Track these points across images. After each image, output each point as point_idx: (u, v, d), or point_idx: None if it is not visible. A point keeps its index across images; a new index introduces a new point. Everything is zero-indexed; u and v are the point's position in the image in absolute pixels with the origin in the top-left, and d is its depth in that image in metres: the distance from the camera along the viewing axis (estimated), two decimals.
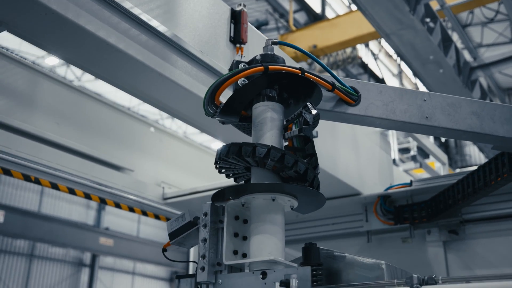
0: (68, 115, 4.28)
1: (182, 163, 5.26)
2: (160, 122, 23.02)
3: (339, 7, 17.48)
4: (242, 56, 3.01)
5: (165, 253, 2.21)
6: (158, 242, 23.95)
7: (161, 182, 4.80)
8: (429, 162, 10.71)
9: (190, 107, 2.86)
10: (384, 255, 3.86)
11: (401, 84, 19.53)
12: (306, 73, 2.07)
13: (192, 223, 2.09)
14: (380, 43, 19.03)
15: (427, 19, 7.31)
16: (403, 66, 19.85)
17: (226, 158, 1.98)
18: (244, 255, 1.98)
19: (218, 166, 2.09)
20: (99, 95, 5.24)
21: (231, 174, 2.16)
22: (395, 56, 19.49)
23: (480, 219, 4.04)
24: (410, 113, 2.37)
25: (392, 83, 19.53)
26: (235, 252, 1.96)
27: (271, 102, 2.09)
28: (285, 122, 2.12)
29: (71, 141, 4.10)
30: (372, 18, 6.75)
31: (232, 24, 3.09)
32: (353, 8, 16.04)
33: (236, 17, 3.11)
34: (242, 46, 3.10)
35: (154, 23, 2.56)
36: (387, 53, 19.92)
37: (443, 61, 7.56)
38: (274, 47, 2.22)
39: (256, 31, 3.34)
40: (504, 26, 17.37)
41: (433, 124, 2.38)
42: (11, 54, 4.11)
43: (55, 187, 3.96)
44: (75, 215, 23.17)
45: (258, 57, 2.13)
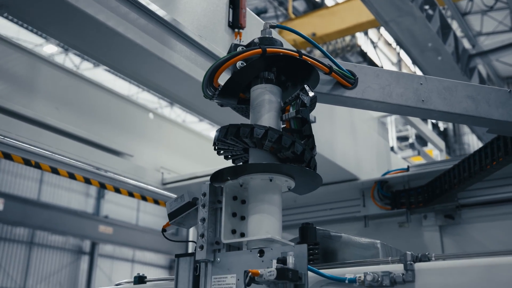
0: (67, 101, 4.30)
1: (181, 149, 5.29)
2: (159, 111, 23.03)
3: None
4: (240, 41, 3.03)
5: (164, 233, 2.25)
6: (157, 230, 24.05)
7: (160, 168, 4.84)
8: (427, 150, 10.76)
9: (188, 91, 2.89)
10: (381, 239, 3.91)
11: None
12: (303, 55, 2.09)
13: (191, 203, 2.13)
14: (379, 31, 19.00)
15: (426, 6, 7.32)
16: (402, 54, 19.83)
17: (225, 139, 2.02)
18: (242, 234, 2.01)
19: (216, 147, 2.12)
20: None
21: (229, 156, 2.19)
22: (394, 44, 19.47)
23: (476, 204, 4.08)
24: (407, 96, 2.40)
25: None
26: (233, 232, 2.00)
27: (269, 84, 2.11)
28: (282, 105, 2.15)
29: (71, 126, 4.13)
30: (371, 5, 6.76)
31: (230, 9, 3.10)
32: None
33: (234, 2, 3.13)
34: (241, 31, 3.12)
35: (153, 7, 2.58)
36: (386, 41, 19.90)
37: (441, 48, 7.58)
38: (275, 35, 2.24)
39: (254, 16, 3.36)
40: (504, 14, 17.33)
41: (429, 108, 2.41)
42: (10, 39, 4.12)
43: (55, 171, 3.99)
44: (75, 203, 23.26)
45: (256, 40, 2.16)
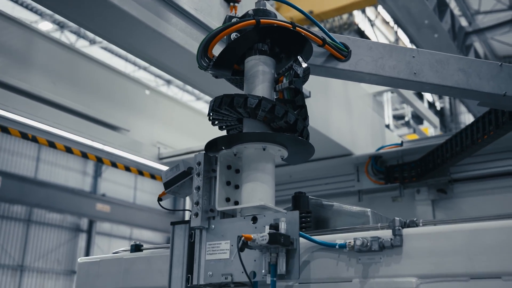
0: (63, 75, 4.31)
1: (177, 124, 5.32)
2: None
3: None
4: (236, 15, 3.04)
5: (160, 202, 2.29)
6: (154, 208, 24.20)
7: (156, 143, 4.87)
8: (422, 128, 10.82)
9: (184, 64, 2.91)
10: None
11: None
12: (297, 27, 2.12)
13: (186, 173, 2.17)
14: (376, 9, 18.87)
15: None
16: (399, 33, 19.74)
17: (219, 109, 2.05)
18: (236, 202, 2.06)
19: (211, 117, 2.15)
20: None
21: (223, 126, 2.23)
22: (391, 22, 19.36)
23: (468, 178, 4.15)
24: (399, 69, 2.43)
25: None
26: (227, 200, 2.05)
27: (263, 56, 2.14)
28: (276, 76, 2.18)
29: (68, 100, 4.14)
30: None
31: None
32: None
33: None
34: (236, 5, 3.12)
35: None
36: (383, 19, 19.77)
37: (438, 25, 7.57)
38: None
39: None
40: None
41: (421, 80, 2.45)
42: (6, 12, 4.10)
43: (52, 145, 4.02)
44: (72, 181, 23.31)
45: (251, 11, 2.18)
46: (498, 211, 3.81)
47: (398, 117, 16.08)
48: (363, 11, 18.11)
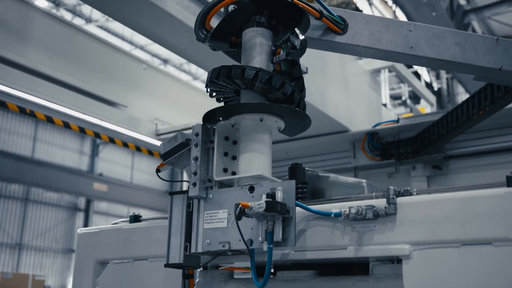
0: (60, 50, 4.30)
1: (175, 101, 5.33)
2: None
3: None
4: None
5: (158, 173, 2.32)
6: (151, 188, 24.29)
7: (154, 119, 4.89)
8: (419, 107, 10.85)
9: (181, 37, 2.91)
10: None
11: None
12: None
13: (184, 144, 2.19)
14: None
15: None
16: (398, 12, 19.64)
17: (217, 80, 2.07)
18: (233, 173, 2.09)
19: (209, 89, 2.17)
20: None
21: (221, 98, 2.25)
22: (390, 1, 19.24)
23: (463, 155, 4.19)
24: (396, 42, 2.45)
25: None
26: (225, 170, 2.08)
27: (260, 28, 2.15)
28: (273, 48, 2.19)
29: (65, 75, 4.14)
30: None
31: None
32: None
33: None
34: None
35: None
36: None
37: (436, 4, 7.55)
38: None
39: None
40: None
41: (417, 54, 2.46)
42: None
43: (50, 120, 4.04)
44: (69, 161, 23.34)
45: None
46: None
47: (395, 97, 16.09)
48: None
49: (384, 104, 7.74)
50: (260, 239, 1.83)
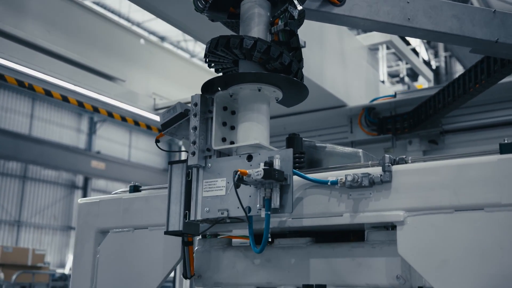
0: (58, 24, 4.28)
1: (173, 76, 5.33)
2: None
3: None
4: None
5: (158, 144, 2.35)
6: (149, 166, 24.36)
7: (152, 93, 4.89)
8: (417, 85, 10.85)
9: (179, 9, 2.91)
10: None
11: None
12: None
13: (183, 114, 2.21)
14: None
15: None
16: None
17: (215, 50, 2.08)
18: (232, 143, 2.12)
19: (207, 60, 2.19)
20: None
21: (220, 69, 2.27)
22: None
23: (459, 130, 4.23)
24: (393, 14, 2.46)
25: None
26: (223, 140, 2.11)
27: None
28: (271, 19, 2.20)
29: (63, 49, 4.13)
30: None
31: None
32: None
33: None
34: None
35: None
36: None
37: None
38: None
39: None
40: None
41: (414, 26, 2.48)
42: None
43: (48, 94, 4.04)
44: (66, 139, 23.35)
45: None
46: None
47: (393, 75, 16.07)
48: None
49: (382, 81, 7.74)
50: (258, 206, 1.87)
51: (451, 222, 1.70)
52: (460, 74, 3.51)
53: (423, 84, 9.74)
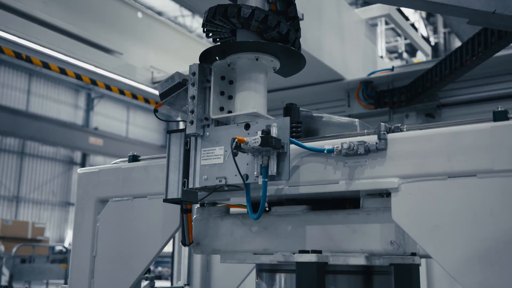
0: None
1: (171, 49, 5.32)
2: None
3: None
4: None
5: (156, 113, 2.37)
6: (146, 142, 24.39)
7: (150, 67, 4.89)
8: (416, 60, 10.81)
9: None
10: None
11: None
12: None
13: (181, 84, 2.22)
14: None
15: None
16: None
17: (213, 19, 2.09)
18: (229, 112, 2.14)
19: (205, 29, 2.19)
20: None
21: (217, 39, 2.27)
22: None
23: (456, 103, 4.25)
24: None
25: None
26: (221, 109, 2.13)
27: None
28: None
29: (60, 21, 4.11)
30: None
31: None
32: None
33: None
34: None
35: None
36: None
37: None
38: None
39: None
40: None
41: None
42: None
43: (46, 66, 4.04)
44: (64, 115, 23.32)
45: None
46: None
47: (391, 51, 16.01)
48: None
49: (381, 57, 7.73)
50: (255, 173, 1.90)
51: (444, 189, 1.73)
52: (457, 47, 3.51)
53: (422, 59, 9.72)
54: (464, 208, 1.69)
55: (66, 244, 16.99)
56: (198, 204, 2.38)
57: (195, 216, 2.37)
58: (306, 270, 1.91)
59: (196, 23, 23.59)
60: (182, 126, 2.30)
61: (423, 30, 18.63)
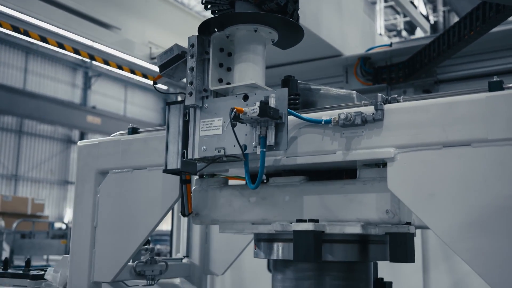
0: None
1: (169, 25, 5.29)
2: None
3: None
4: None
5: (155, 85, 2.39)
6: (144, 121, 24.37)
7: (148, 42, 4.88)
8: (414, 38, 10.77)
9: None
10: None
11: None
12: None
13: (180, 56, 2.24)
14: None
15: None
16: None
17: None
18: (228, 84, 2.16)
19: (204, 1, 2.20)
20: None
21: (216, 11, 2.28)
22: None
23: (453, 79, 4.27)
24: None
25: None
26: (220, 80, 2.15)
27: None
28: None
29: None
30: None
31: None
32: None
33: None
34: None
35: None
36: None
37: None
38: None
39: None
40: None
41: None
42: None
43: (44, 40, 4.03)
44: (61, 93, 23.24)
45: None
46: None
47: (390, 29, 15.93)
48: None
49: (380, 34, 7.71)
50: (253, 143, 1.93)
51: (439, 158, 1.76)
52: (455, 21, 3.51)
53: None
54: (458, 176, 1.72)
55: (66, 221, 17.11)
56: (197, 176, 2.41)
57: (194, 187, 2.41)
58: (303, 239, 1.95)
59: (194, 0, 23.37)
60: (180, 99, 2.31)
61: (422, 8, 18.51)
